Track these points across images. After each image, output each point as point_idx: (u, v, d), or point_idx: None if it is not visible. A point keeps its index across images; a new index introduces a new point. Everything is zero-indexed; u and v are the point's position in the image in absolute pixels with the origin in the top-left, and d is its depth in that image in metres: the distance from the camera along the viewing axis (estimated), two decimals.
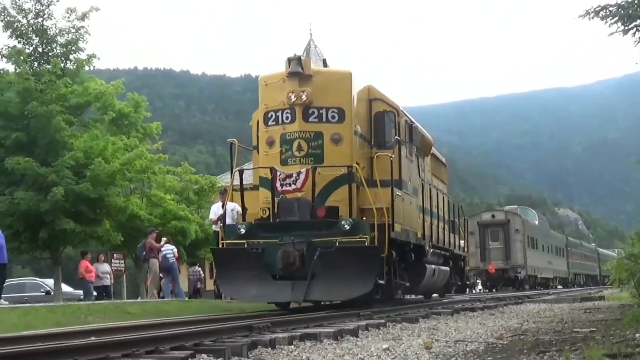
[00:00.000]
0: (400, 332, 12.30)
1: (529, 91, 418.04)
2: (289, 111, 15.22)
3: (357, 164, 15.37)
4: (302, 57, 15.36)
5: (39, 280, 32.52)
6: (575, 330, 12.45)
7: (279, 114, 15.38)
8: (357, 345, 9.81)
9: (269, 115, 15.55)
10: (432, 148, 23.00)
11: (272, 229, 14.70)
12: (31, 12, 25.59)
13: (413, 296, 24.21)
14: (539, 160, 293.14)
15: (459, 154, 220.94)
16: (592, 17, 9.61)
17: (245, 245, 14.59)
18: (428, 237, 19.76)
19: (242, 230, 14.77)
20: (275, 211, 14.84)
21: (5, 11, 25.31)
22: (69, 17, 25.86)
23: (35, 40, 25.75)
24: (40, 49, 25.83)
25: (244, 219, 16.00)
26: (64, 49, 25.85)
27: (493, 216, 46.60)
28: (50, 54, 25.67)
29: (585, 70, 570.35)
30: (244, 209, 15.98)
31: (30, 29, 25.58)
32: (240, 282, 14.53)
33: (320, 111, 15.25)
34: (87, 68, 27.13)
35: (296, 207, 14.47)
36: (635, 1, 9.28)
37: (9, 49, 25.11)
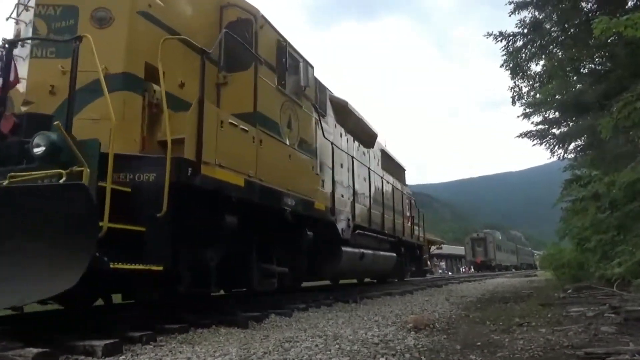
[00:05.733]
0: (433, 292, 14.92)
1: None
2: None
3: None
4: None
5: None
6: (522, 291, 14.33)
7: None
8: (413, 297, 12.27)
9: None
10: (385, 148, 17.55)
11: None
12: None
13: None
14: (506, 206, 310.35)
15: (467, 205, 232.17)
16: (524, 137, 12.91)
17: None
18: (346, 214, 12.04)
19: None
20: None
21: None
22: None
23: None
24: None
25: None
26: None
27: (477, 235, 64.10)
28: None
29: (526, 159, 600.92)
30: None
31: None
32: None
33: None
34: None
35: None
36: (545, 127, 12.95)
37: None
